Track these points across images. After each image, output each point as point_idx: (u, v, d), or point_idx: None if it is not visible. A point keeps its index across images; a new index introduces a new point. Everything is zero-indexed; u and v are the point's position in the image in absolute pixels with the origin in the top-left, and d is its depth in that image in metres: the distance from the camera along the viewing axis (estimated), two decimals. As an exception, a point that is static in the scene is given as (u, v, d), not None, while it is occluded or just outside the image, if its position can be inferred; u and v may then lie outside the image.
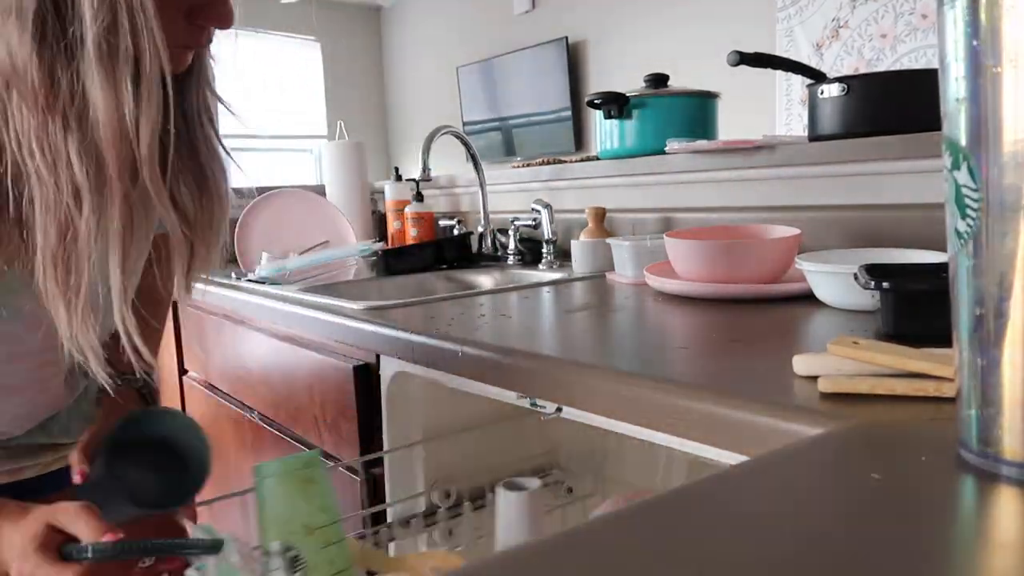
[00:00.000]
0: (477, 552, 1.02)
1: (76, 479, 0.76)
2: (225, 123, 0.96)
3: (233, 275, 1.64)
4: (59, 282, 0.60)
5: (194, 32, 0.63)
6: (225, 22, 0.64)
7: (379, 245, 1.74)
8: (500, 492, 0.85)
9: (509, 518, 0.86)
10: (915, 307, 0.70)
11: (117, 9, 0.54)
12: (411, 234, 2.03)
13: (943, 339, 0.47)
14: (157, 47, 0.56)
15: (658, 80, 1.51)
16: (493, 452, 1.11)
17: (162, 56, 0.56)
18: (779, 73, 2.96)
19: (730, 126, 1.65)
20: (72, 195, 0.58)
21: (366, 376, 1.07)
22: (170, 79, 0.58)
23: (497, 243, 1.77)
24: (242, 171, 0.81)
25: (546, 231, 1.54)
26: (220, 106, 0.79)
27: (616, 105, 1.48)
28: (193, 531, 0.74)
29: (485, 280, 1.61)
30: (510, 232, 1.66)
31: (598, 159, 1.60)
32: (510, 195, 1.86)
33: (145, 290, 0.77)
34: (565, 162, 1.77)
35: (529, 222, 1.62)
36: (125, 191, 0.59)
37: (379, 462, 1.04)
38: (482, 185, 1.79)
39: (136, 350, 0.65)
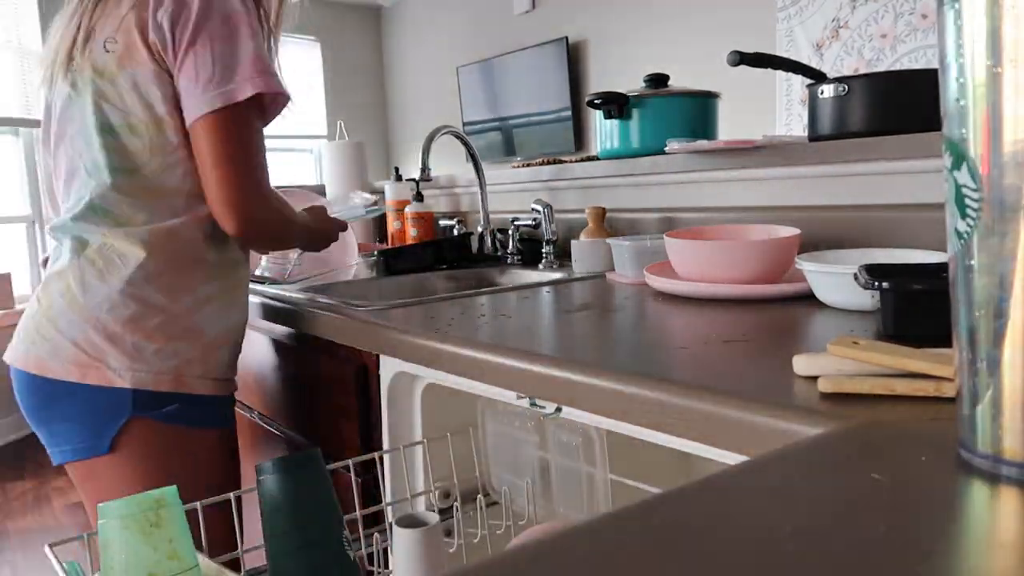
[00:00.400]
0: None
1: None
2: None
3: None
4: None
5: None
6: None
7: (375, 198, 1.76)
8: (396, 530, 0.78)
9: (406, 556, 0.78)
10: (915, 307, 0.70)
11: None
12: (411, 234, 2.03)
13: (943, 339, 0.47)
14: None
15: (658, 80, 1.51)
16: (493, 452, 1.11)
17: None
18: (779, 73, 2.96)
19: (730, 126, 1.65)
20: None
21: (366, 376, 1.07)
22: None
23: (497, 243, 1.77)
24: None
25: (546, 231, 1.54)
26: None
27: (616, 105, 1.48)
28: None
29: (485, 280, 1.61)
30: (510, 232, 1.66)
31: (598, 159, 1.60)
32: (510, 195, 1.86)
33: None
34: (565, 162, 1.77)
35: (529, 222, 1.62)
36: None
37: (378, 462, 1.04)
38: (482, 185, 1.79)
39: None
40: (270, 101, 1.00)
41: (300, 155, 5.11)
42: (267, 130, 1.04)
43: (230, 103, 0.93)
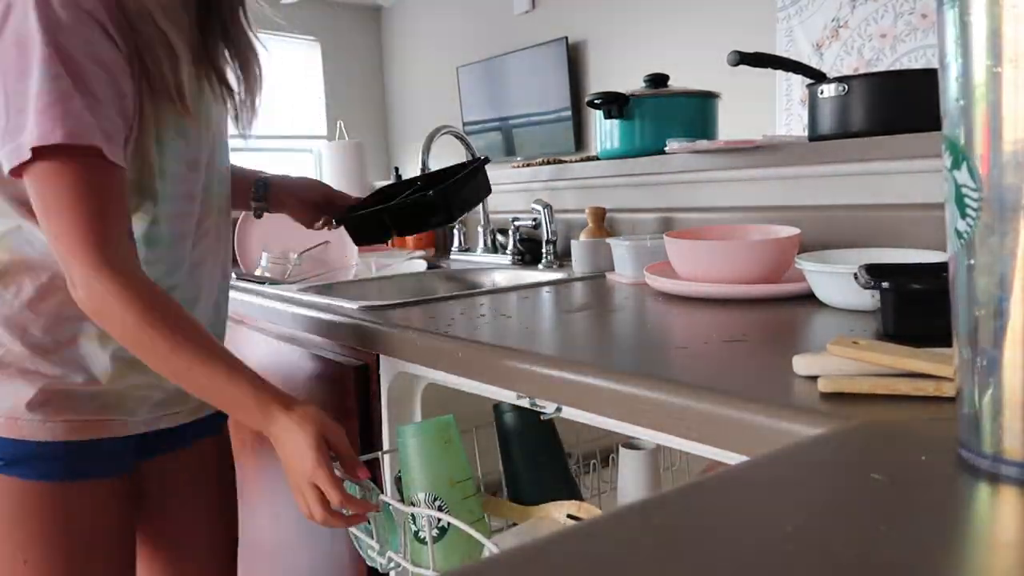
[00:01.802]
0: (607, 505, 1.15)
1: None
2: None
3: (233, 275, 1.63)
4: None
5: None
6: None
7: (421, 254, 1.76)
8: (621, 451, 1.02)
9: (628, 476, 1.01)
10: (915, 307, 0.70)
11: None
12: (411, 234, 2.03)
13: (943, 339, 0.47)
14: None
15: (658, 80, 1.51)
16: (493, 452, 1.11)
17: None
18: (779, 73, 2.96)
19: (730, 126, 1.64)
20: None
21: (366, 376, 1.07)
22: None
23: (497, 243, 1.77)
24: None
25: (546, 231, 1.54)
26: None
27: (616, 105, 1.48)
28: (351, 489, 0.83)
29: (485, 280, 1.61)
30: (510, 232, 1.66)
31: (598, 159, 1.60)
32: (510, 195, 1.85)
33: None
34: (565, 162, 1.77)
35: (529, 222, 1.62)
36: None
37: (378, 462, 1.04)
38: (482, 185, 1.79)
39: None
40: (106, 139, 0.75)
41: (300, 155, 5.11)
42: (266, 130, 1.02)
43: (22, 161, 0.72)
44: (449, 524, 0.85)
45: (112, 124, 0.76)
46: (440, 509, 0.85)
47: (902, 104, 1.11)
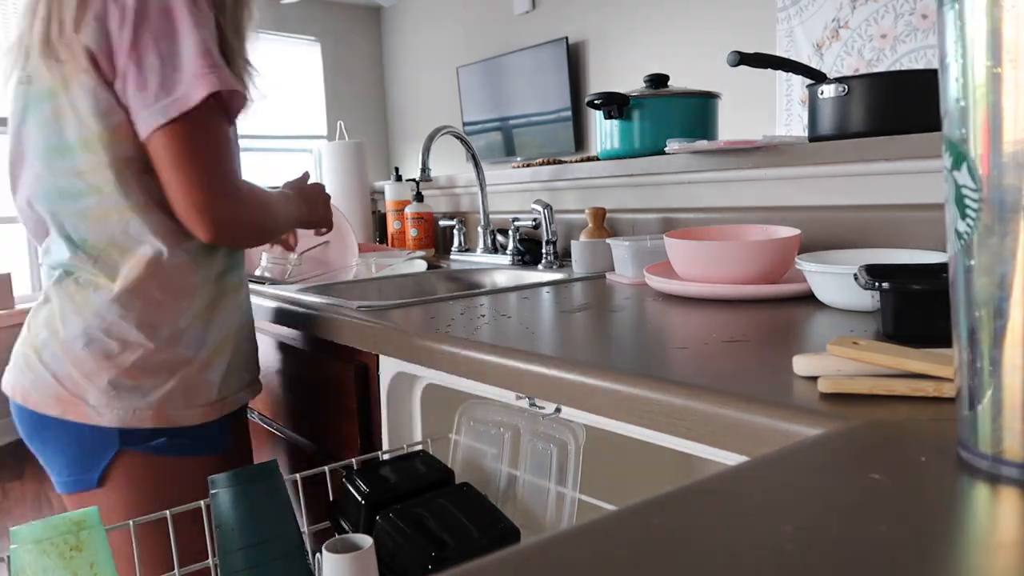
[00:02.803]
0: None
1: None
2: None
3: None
4: None
5: None
6: None
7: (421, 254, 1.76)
8: (325, 555, 0.69)
9: None
10: (915, 307, 0.70)
11: None
12: (411, 234, 2.03)
13: (943, 339, 0.47)
14: None
15: (658, 80, 1.51)
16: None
17: None
18: (779, 73, 2.96)
19: (730, 126, 1.65)
20: None
21: (366, 376, 1.07)
22: None
23: (497, 243, 1.77)
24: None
25: (546, 231, 1.54)
26: None
27: (616, 105, 1.48)
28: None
29: (485, 280, 1.61)
30: (510, 232, 1.66)
31: (598, 159, 1.60)
32: (510, 195, 1.86)
33: None
34: (565, 162, 1.77)
35: (529, 222, 1.62)
36: None
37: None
38: (482, 185, 1.79)
39: None
40: (228, 96, 0.91)
41: (300, 155, 5.11)
42: (266, 130, 1.02)
43: (183, 111, 0.86)
44: None
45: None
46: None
47: (902, 104, 1.11)
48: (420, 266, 1.71)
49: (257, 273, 1.63)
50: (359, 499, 0.84)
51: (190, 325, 0.95)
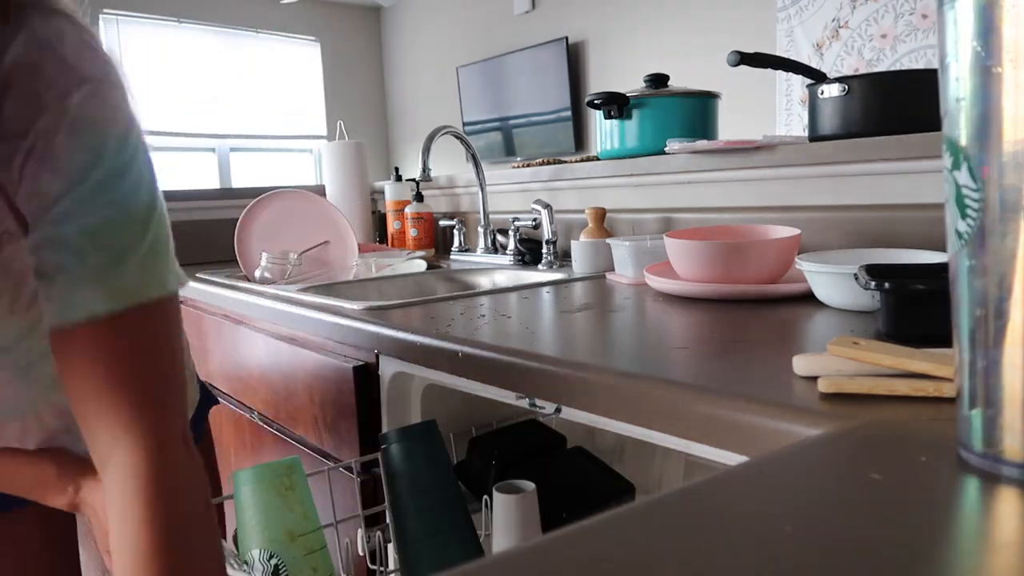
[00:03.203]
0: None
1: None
2: (225, 123, 0.97)
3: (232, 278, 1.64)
4: None
5: None
6: None
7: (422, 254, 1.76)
8: (495, 495, 0.82)
9: (505, 521, 0.83)
10: (915, 307, 0.70)
11: None
12: (411, 234, 2.03)
13: (943, 339, 0.47)
14: None
15: (658, 80, 1.51)
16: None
17: None
18: (779, 73, 2.96)
19: (730, 126, 1.65)
20: None
21: (366, 376, 1.07)
22: None
23: (497, 243, 1.77)
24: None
25: (546, 231, 1.54)
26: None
27: (616, 105, 1.48)
28: None
29: (485, 280, 1.61)
30: (510, 232, 1.66)
31: (598, 159, 1.60)
32: (510, 195, 1.86)
33: None
34: (565, 162, 1.77)
35: (529, 222, 1.62)
36: None
37: (378, 462, 1.04)
38: (482, 185, 1.79)
39: None
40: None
41: (300, 155, 5.11)
42: (266, 130, 0.92)
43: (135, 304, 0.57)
44: None
45: None
46: (278, 568, 0.71)
47: (902, 104, 1.11)
48: (420, 266, 1.71)
49: (257, 274, 1.63)
50: (490, 460, 0.93)
51: None
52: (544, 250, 1.54)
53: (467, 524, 0.82)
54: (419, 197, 2.04)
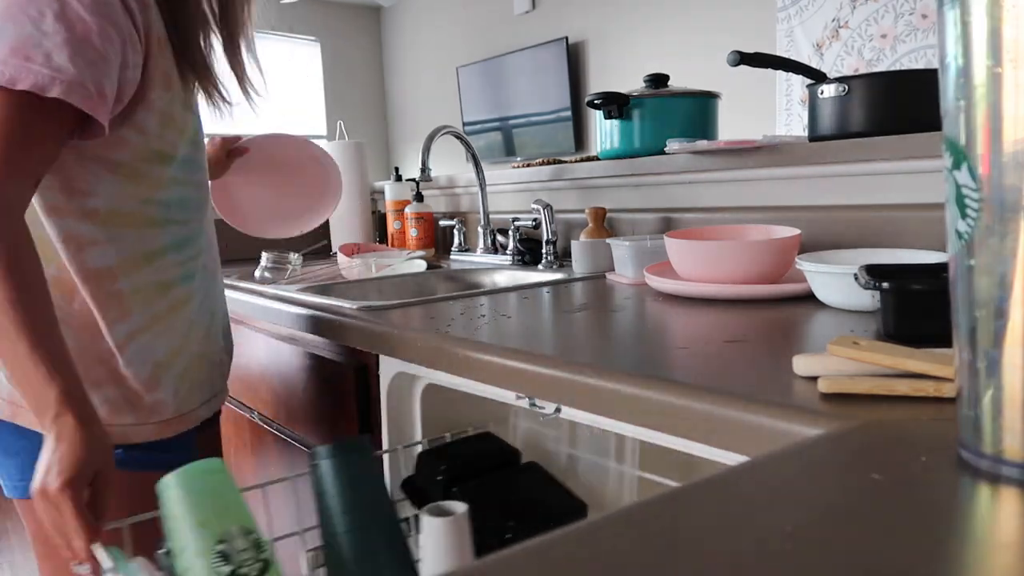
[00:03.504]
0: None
1: None
2: (225, 122, 0.97)
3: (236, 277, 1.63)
4: None
5: None
6: None
7: (421, 254, 1.75)
8: (425, 519, 0.76)
9: (434, 545, 0.78)
10: (915, 307, 0.70)
11: None
12: (411, 234, 2.03)
13: (943, 339, 0.47)
14: None
15: (658, 80, 1.51)
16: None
17: None
18: (779, 73, 2.96)
19: (730, 126, 1.65)
20: None
21: (366, 376, 1.07)
22: None
23: (497, 243, 1.77)
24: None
25: (546, 231, 1.54)
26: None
27: (616, 105, 1.48)
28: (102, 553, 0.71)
29: (485, 280, 1.61)
30: (510, 232, 1.66)
31: (598, 159, 1.60)
32: (510, 195, 1.86)
33: None
34: (565, 162, 1.77)
35: (529, 222, 1.62)
36: None
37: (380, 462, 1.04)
38: (482, 185, 1.79)
39: None
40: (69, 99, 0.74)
41: (300, 155, 5.10)
42: (265, 129, 0.98)
43: None
44: None
45: (97, 78, 0.76)
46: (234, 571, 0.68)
47: (902, 104, 1.11)
48: (420, 266, 1.71)
49: (257, 275, 1.63)
50: (436, 475, 0.88)
51: (131, 338, 0.88)
52: (544, 250, 1.54)
53: (401, 547, 0.79)
54: (419, 197, 2.04)
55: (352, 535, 0.77)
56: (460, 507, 0.77)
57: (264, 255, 1.64)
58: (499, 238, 1.77)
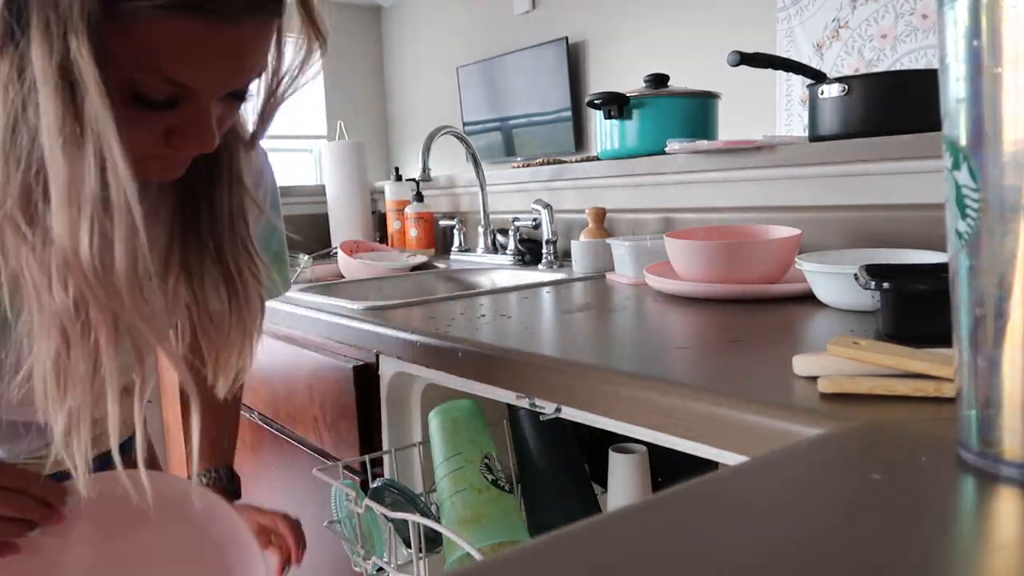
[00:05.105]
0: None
1: None
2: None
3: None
4: (49, 396, 0.58)
5: (174, 152, 0.59)
6: (203, 147, 0.59)
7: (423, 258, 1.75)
8: (611, 456, 0.94)
9: (617, 481, 0.96)
10: (915, 307, 0.70)
11: (82, 142, 0.51)
12: (411, 234, 2.03)
13: (943, 339, 0.47)
14: (122, 180, 0.52)
15: (658, 80, 1.51)
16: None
17: (127, 189, 0.52)
18: (779, 73, 2.95)
19: (730, 126, 1.64)
20: (61, 315, 0.56)
21: (366, 376, 1.07)
22: (138, 210, 0.53)
23: (497, 243, 1.77)
24: (266, 267, 0.77)
25: (546, 231, 1.54)
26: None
27: (616, 105, 1.48)
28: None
29: (485, 280, 1.61)
30: (510, 232, 1.66)
31: (598, 159, 1.60)
32: (510, 195, 1.85)
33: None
34: (565, 162, 1.77)
35: (529, 222, 1.62)
36: (111, 314, 0.56)
37: (379, 462, 1.04)
38: (482, 185, 1.79)
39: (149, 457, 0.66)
40: None
41: (300, 155, 5.11)
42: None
43: None
44: (438, 531, 0.82)
45: None
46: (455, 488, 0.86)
47: (902, 104, 1.11)
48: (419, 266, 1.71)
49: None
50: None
51: None
52: (544, 250, 1.54)
53: (587, 485, 0.98)
54: (419, 197, 2.04)
55: (548, 472, 0.94)
56: (640, 447, 0.92)
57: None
58: (499, 238, 1.77)
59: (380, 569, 0.90)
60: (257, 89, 0.62)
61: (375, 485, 0.90)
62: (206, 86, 0.56)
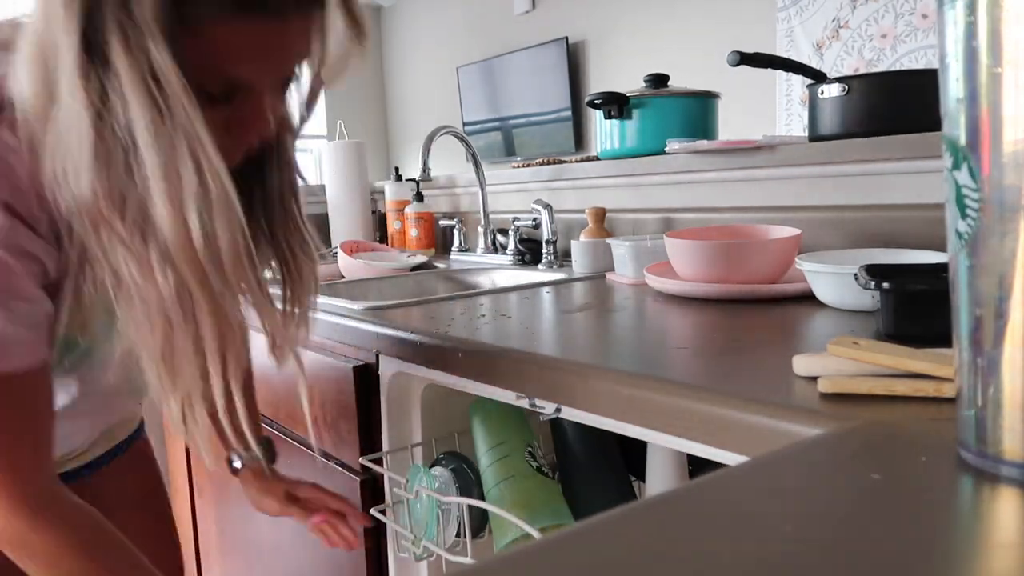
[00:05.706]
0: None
1: None
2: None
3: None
4: (164, 383, 0.63)
5: (234, 141, 0.63)
6: (260, 135, 0.64)
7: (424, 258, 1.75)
8: (649, 447, 0.95)
9: (657, 470, 0.98)
10: (915, 307, 0.70)
11: (175, 140, 0.54)
12: (411, 234, 2.03)
13: (943, 339, 0.47)
14: (217, 170, 0.56)
15: (658, 80, 1.51)
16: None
17: (223, 178, 0.56)
18: (779, 73, 2.95)
19: (730, 126, 1.64)
20: (163, 301, 0.59)
21: (366, 376, 1.07)
22: (235, 194, 0.58)
23: (497, 243, 1.77)
24: (317, 245, 0.80)
25: (546, 231, 1.54)
26: None
27: (616, 105, 1.48)
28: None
29: (485, 280, 1.61)
30: (510, 232, 1.66)
31: (598, 159, 1.60)
32: (510, 195, 1.85)
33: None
34: (565, 162, 1.77)
35: (529, 222, 1.62)
36: (212, 296, 0.60)
37: (379, 462, 1.04)
38: (482, 185, 1.79)
39: (241, 434, 0.73)
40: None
41: (300, 155, 5.11)
42: None
43: None
44: (489, 513, 0.86)
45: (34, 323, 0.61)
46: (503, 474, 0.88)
47: (902, 104, 1.11)
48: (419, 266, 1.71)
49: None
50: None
51: None
52: (544, 250, 1.54)
53: (623, 474, 1.00)
54: (419, 197, 2.04)
55: (586, 462, 0.96)
56: None
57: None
58: (499, 238, 1.77)
59: (428, 553, 0.92)
60: (299, 77, 0.66)
61: (435, 463, 0.95)
62: (259, 79, 0.60)
